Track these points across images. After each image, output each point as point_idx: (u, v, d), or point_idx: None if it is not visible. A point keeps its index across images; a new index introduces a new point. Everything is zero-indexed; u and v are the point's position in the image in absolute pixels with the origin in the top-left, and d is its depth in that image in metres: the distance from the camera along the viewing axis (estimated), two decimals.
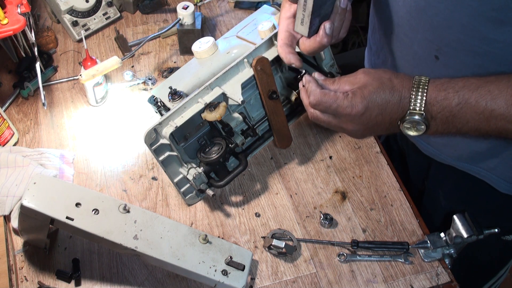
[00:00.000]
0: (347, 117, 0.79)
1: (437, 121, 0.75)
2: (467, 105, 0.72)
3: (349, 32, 1.15)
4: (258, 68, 0.99)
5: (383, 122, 0.78)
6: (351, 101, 0.78)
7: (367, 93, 0.77)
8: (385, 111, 0.77)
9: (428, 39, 0.85)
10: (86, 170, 1.12)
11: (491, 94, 0.71)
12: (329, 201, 1.08)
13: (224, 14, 1.48)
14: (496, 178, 0.98)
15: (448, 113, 0.73)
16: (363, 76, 0.79)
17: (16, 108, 1.23)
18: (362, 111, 0.77)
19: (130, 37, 1.41)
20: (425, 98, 0.74)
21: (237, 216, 1.06)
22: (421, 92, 0.74)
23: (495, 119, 0.71)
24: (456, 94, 0.72)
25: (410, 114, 0.75)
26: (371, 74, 0.79)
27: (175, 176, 1.02)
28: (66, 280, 0.95)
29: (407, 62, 0.93)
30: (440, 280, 0.97)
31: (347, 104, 0.78)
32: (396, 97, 0.76)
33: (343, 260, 0.99)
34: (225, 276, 0.89)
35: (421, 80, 0.75)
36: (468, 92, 0.72)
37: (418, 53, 0.89)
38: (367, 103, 0.77)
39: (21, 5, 1.10)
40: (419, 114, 0.74)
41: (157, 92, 1.05)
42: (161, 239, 0.88)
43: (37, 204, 0.83)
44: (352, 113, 0.78)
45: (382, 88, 0.77)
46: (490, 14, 0.73)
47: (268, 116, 1.07)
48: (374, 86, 0.77)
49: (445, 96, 0.73)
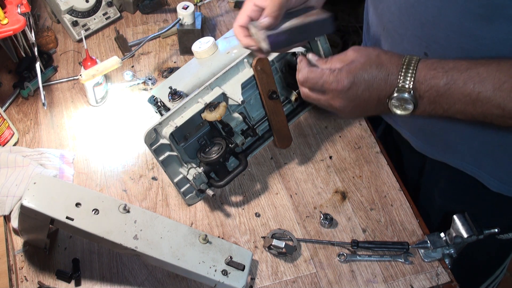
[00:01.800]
0: (333, 92, 0.79)
1: (424, 101, 0.74)
2: (454, 85, 0.72)
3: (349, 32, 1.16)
4: (258, 68, 0.99)
5: (370, 99, 0.78)
6: (336, 77, 0.78)
7: (353, 69, 0.77)
8: (372, 87, 0.76)
9: (417, 36, 0.86)
10: (86, 170, 1.12)
11: (479, 77, 0.70)
12: (329, 201, 1.08)
13: (224, 14, 1.48)
14: (487, 176, 0.98)
15: (435, 92, 0.73)
16: (353, 53, 0.79)
17: (16, 108, 1.23)
18: (348, 86, 0.77)
19: (130, 37, 1.41)
20: (414, 77, 0.73)
21: (237, 216, 1.06)
22: (411, 71, 0.74)
23: (481, 102, 0.71)
24: (445, 74, 0.72)
25: (398, 91, 0.74)
26: (360, 51, 0.79)
27: (175, 176, 1.02)
28: (66, 280, 0.95)
29: None
30: (440, 280, 0.97)
31: (332, 79, 0.78)
32: (383, 73, 0.76)
33: (343, 260, 0.99)
34: (225, 276, 0.89)
35: (412, 59, 0.75)
36: (457, 72, 0.72)
37: (408, 49, 0.90)
38: (352, 78, 0.77)
39: (21, 5, 1.10)
40: (408, 91, 0.74)
41: (157, 92, 1.05)
42: (161, 239, 0.88)
43: (37, 204, 0.83)
44: (338, 88, 0.78)
45: (369, 64, 0.76)
46: (477, 11, 0.74)
47: (268, 116, 1.07)
48: (361, 61, 0.77)
49: (433, 75, 0.73)
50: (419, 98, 0.74)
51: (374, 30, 1.02)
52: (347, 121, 1.21)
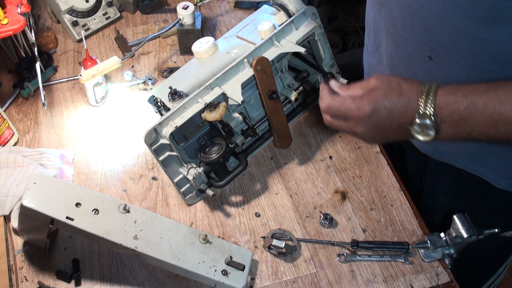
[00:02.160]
0: (355, 119, 0.81)
1: (446, 125, 0.75)
2: (475, 108, 0.72)
3: (349, 32, 1.16)
4: (258, 68, 0.99)
5: (392, 126, 0.79)
6: (358, 104, 0.79)
7: (374, 96, 0.78)
8: (393, 114, 0.78)
9: (421, 40, 0.86)
10: (86, 170, 1.12)
11: (498, 98, 0.71)
12: (329, 201, 1.08)
13: (224, 14, 1.48)
14: (492, 174, 0.98)
15: (457, 116, 0.74)
16: (374, 81, 0.81)
17: (16, 108, 1.23)
18: (370, 113, 0.78)
19: (130, 37, 1.41)
20: (435, 103, 0.74)
21: (237, 216, 1.06)
22: (431, 97, 0.75)
23: (503, 123, 0.71)
24: (465, 98, 0.73)
25: (419, 118, 0.75)
26: (382, 79, 0.80)
27: (175, 176, 1.02)
28: (66, 280, 0.95)
29: (401, 62, 0.94)
30: (440, 280, 0.97)
31: (354, 106, 0.80)
32: (404, 101, 0.77)
33: (343, 260, 0.99)
34: (225, 276, 0.89)
35: (432, 85, 0.76)
36: (476, 95, 0.73)
37: (412, 53, 0.90)
38: (374, 105, 0.78)
39: (21, 5, 1.10)
40: (429, 117, 0.75)
41: (157, 92, 1.05)
42: (161, 239, 0.88)
43: (37, 204, 0.83)
44: (359, 115, 0.79)
45: (390, 92, 0.78)
46: (481, 14, 0.74)
47: (268, 116, 1.07)
48: (382, 89, 0.78)
49: (454, 99, 0.74)
50: (441, 123, 0.75)
51: (376, 34, 1.02)
52: None
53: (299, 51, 1.01)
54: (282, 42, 1.02)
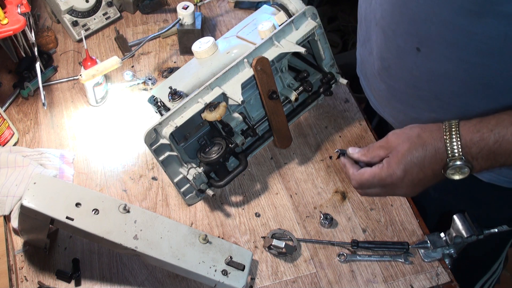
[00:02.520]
0: (391, 185, 0.82)
1: (479, 161, 0.76)
2: (504, 141, 0.73)
3: (349, 32, 1.16)
4: (258, 68, 0.99)
5: (426, 177, 0.80)
6: (387, 170, 0.81)
7: (401, 157, 0.79)
8: (425, 167, 0.79)
9: (410, 32, 0.87)
10: (86, 170, 1.12)
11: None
12: (329, 201, 1.08)
13: (224, 14, 1.48)
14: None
15: (487, 151, 0.75)
16: (394, 139, 0.82)
17: (16, 108, 1.23)
18: (402, 175, 0.80)
19: (130, 37, 1.41)
20: (460, 143, 0.75)
21: (237, 216, 1.06)
22: (455, 138, 0.76)
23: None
24: (491, 133, 0.74)
25: (450, 161, 0.76)
26: (400, 136, 0.81)
27: (175, 176, 1.02)
28: (66, 280, 0.95)
29: (390, 54, 0.95)
30: (440, 280, 0.97)
31: (385, 174, 0.81)
32: (431, 151, 0.78)
33: (343, 260, 0.99)
34: (225, 276, 0.89)
35: (451, 125, 0.76)
36: (503, 128, 0.73)
37: (400, 45, 0.91)
38: (404, 167, 0.79)
39: (21, 5, 1.10)
40: (459, 159, 0.76)
41: (157, 92, 1.05)
42: (161, 239, 0.88)
43: (37, 204, 0.83)
44: (394, 181, 0.81)
45: (414, 147, 0.79)
46: (469, 7, 0.74)
47: (268, 116, 1.07)
48: (405, 147, 0.79)
49: (480, 137, 0.74)
50: (473, 160, 0.76)
51: (367, 25, 1.02)
52: (347, 121, 1.21)
53: (299, 51, 1.01)
54: (282, 42, 1.02)
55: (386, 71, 0.98)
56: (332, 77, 1.15)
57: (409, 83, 0.94)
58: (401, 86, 0.97)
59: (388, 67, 0.97)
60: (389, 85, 1.00)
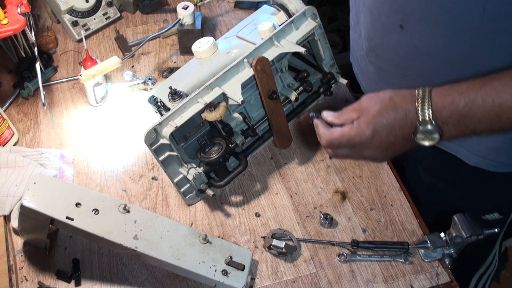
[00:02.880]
0: (359, 145, 0.82)
1: (449, 126, 0.75)
2: (474, 104, 0.73)
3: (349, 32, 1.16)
4: (258, 68, 0.99)
5: (396, 141, 0.80)
6: (357, 130, 0.80)
7: (371, 117, 0.79)
8: (394, 130, 0.78)
9: (394, 9, 0.88)
10: (86, 170, 1.12)
11: (496, 90, 0.71)
12: (329, 201, 1.08)
13: (224, 14, 1.48)
14: (464, 151, 1.00)
15: (457, 116, 0.74)
16: (366, 101, 0.82)
17: (16, 108, 1.23)
18: (371, 136, 0.79)
19: (130, 37, 1.41)
20: (431, 107, 0.75)
21: (237, 216, 1.06)
22: (426, 102, 0.75)
23: (505, 114, 0.72)
24: (462, 96, 0.73)
25: (420, 125, 0.76)
26: (373, 98, 0.81)
27: (175, 176, 1.02)
28: (66, 280, 0.95)
29: (376, 33, 0.96)
30: (440, 280, 0.97)
31: (354, 133, 0.81)
32: (401, 114, 0.78)
33: (343, 260, 0.99)
34: (225, 276, 0.89)
35: (424, 90, 0.76)
36: (473, 92, 0.73)
37: (385, 23, 0.92)
38: (373, 127, 0.79)
39: (21, 5, 1.10)
40: (429, 123, 0.75)
41: (157, 92, 1.05)
42: (161, 239, 0.88)
43: (37, 204, 0.83)
44: (362, 141, 0.80)
45: (385, 109, 0.79)
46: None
47: (268, 116, 1.07)
48: (376, 109, 0.79)
49: (451, 100, 0.74)
50: (443, 125, 0.75)
51: (356, 9, 1.04)
52: None
53: (299, 51, 1.01)
54: (282, 42, 1.02)
55: (373, 52, 0.99)
56: (332, 77, 1.15)
57: (394, 63, 0.95)
58: (387, 66, 0.98)
59: (375, 47, 0.98)
60: (376, 66, 1.01)
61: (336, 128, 0.84)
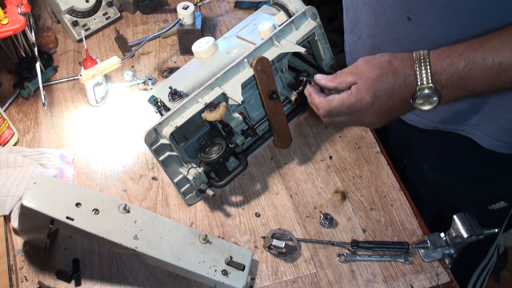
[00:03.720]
0: (359, 112, 0.80)
1: (448, 89, 0.74)
2: (474, 64, 0.72)
3: None
4: (258, 68, 0.99)
5: (395, 106, 0.78)
6: (357, 96, 0.78)
7: (370, 83, 0.77)
8: (394, 95, 0.77)
9: (399, 2, 0.86)
10: (86, 170, 1.12)
11: (495, 48, 0.71)
12: (329, 201, 1.08)
13: (224, 14, 1.48)
14: (479, 133, 0.98)
15: (457, 77, 0.73)
16: (363, 65, 0.80)
17: (16, 108, 1.23)
18: (371, 101, 0.78)
19: (130, 37, 1.41)
20: (430, 70, 0.74)
21: (237, 216, 1.06)
22: (424, 65, 0.74)
23: (505, 71, 0.71)
24: (461, 57, 0.72)
25: (419, 90, 0.75)
26: (370, 62, 0.79)
27: (175, 176, 1.02)
28: (66, 280, 0.95)
29: (382, 30, 0.95)
30: (440, 280, 0.97)
31: (355, 100, 0.79)
32: (400, 78, 0.76)
33: (343, 260, 0.99)
34: (225, 276, 0.89)
35: (421, 54, 0.75)
36: (472, 52, 0.72)
37: (390, 18, 0.90)
38: (373, 93, 0.77)
39: (21, 5, 1.10)
40: (428, 87, 0.74)
41: (157, 92, 1.05)
42: (161, 239, 0.88)
43: (37, 204, 0.83)
44: (362, 107, 0.79)
45: (384, 74, 0.77)
46: None
47: (268, 116, 1.07)
48: (375, 73, 0.77)
49: (450, 62, 0.73)
50: (442, 88, 0.74)
51: (354, 9, 1.02)
52: None
53: (299, 51, 1.01)
54: (282, 42, 1.02)
55: (378, 49, 0.98)
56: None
57: None
58: None
59: (380, 44, 0.96)
60: None
61: (334, 95, 0.82)
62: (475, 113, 0.95)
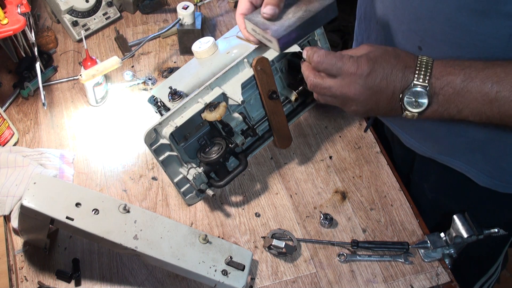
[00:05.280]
0: (351, 77, 0.77)
1: (439, 98, 0.74)
2: (472, 83, 0.71)
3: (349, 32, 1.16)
4: (258, 68, 0.99)
5: (386, 91, 0.77)
6: (356, 61, 0.77)
7: (373, 56, 0.77)
8: (389, 77, 0.76)
9: (412, 30, 0.86)
10: (86, 170, 1.12)
11: (497, 76, 0.70)
12: (329, 201, 1.08)
13: (224, 14, 1.48)
14: (475, 171, 0.98)
15: (451, 89, 0.73)
16: (367, 47, 0.79)
17: (16, 108, 1.23)
18: (368, 71, 0.76)
19: (130, 37, 1.41)
20: (431, 71, 0.74)
21: (237, 216, 1.06)
22: (426, 65, 0.74)
23: (498, 102, 0.70)
24: (462, 71, 0.72)
25: (414, 86, 0.74)
26: (375, 46, 0.79)
27: (175, 176, 1.02)
28: (66, 280, 0.95)
29: None
30: (440, 280, 0.97)
31: (352, 62, 0.77)
32: (401, 64, 0.76)
33: (343, 260, 0.99)
34: (225, 276, 0.89)
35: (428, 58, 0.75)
36: (474, 70, 0.72)
37: (401, 43, 0.90)
38: (372, 65, 0.76)
39: (21, 5, 1.10)
40: (423, 86, 0.74)
41: (157, 92, 1.05)
42: (161, 239, 0.88)
43: (37, 204, 0.83)
44: (357, 72, 0.76)
45: (387, 54, 0.77)
46: (473, 6, 0.74)
47: (268, 116, 1.07)
48: (379, 51, 0.77)
49: (450, 71, 0.73)
50: (434, 95, 0.74)
51: (367, 24, 1.02)
52: (347, 121, 1.21)
53: (299, 51, 1.01)
54: None
55: None
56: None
57: None
58: None
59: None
60: None
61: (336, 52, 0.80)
62: (473, 150, 0.95)
